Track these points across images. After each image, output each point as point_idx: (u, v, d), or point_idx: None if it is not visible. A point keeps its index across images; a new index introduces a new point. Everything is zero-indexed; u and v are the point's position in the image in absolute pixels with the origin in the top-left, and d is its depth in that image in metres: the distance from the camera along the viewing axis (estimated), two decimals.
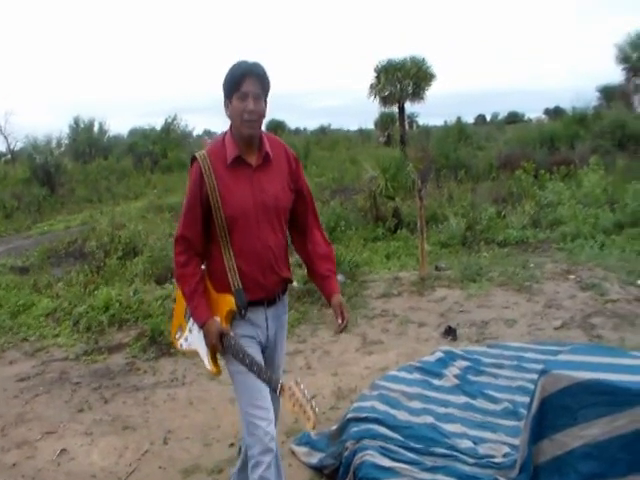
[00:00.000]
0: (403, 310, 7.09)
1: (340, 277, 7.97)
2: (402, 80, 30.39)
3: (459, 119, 32.06)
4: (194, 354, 3.19)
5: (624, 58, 27.68)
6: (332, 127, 53.38)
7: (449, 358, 5.29)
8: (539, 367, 3.72)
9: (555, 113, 45.03)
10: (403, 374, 5.09)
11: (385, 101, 31.18)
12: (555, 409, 3.38)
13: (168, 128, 36.88)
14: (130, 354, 6.40)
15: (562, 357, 3.75)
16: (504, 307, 6.92)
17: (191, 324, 3.11)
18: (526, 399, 3.96)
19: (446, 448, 3.97)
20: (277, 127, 45.14)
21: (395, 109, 32.17)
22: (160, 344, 6.50)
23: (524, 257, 9.10)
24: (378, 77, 30.86)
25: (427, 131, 34.28)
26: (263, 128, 3.04)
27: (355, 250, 9.98)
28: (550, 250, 9.58)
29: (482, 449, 3.96)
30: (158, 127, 36.90)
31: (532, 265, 8.42)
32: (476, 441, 4.07)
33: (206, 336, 2.96)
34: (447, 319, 6.69)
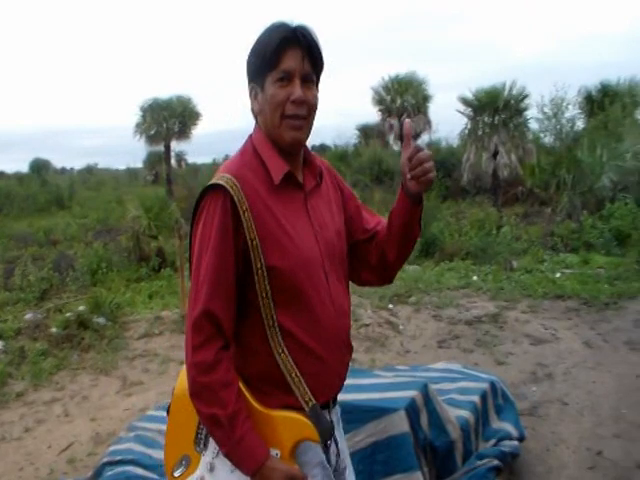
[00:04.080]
0: (165, 349, 7.03)
1: (101, 319, 7.79)
2: (168, 119, 30.34)
3: (226, 157, 32.55)
4: None
5: (379, 100, 29.44)
6: (99, 166, 52.17)
7: None
8: None
9: (321, 150, 46.93)
10: (161, 413, 5.04)
11: (151, 140, 30.90)
12: None
13: None
14: None
15: None
16: None
17: (212, 457, 1.85)
18: None
19: None
20: (42, 167, 43.21)
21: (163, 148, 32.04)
22: None
23: None
24: (144, 116, 30.59)
25: (195, 169, 34.48)
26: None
27: (117, 291, 9.80)
28: None
29: None
30: None
31: None
32: None
33: None
34: None
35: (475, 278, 9.64)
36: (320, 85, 1.90)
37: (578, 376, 5.67)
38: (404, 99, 28.15)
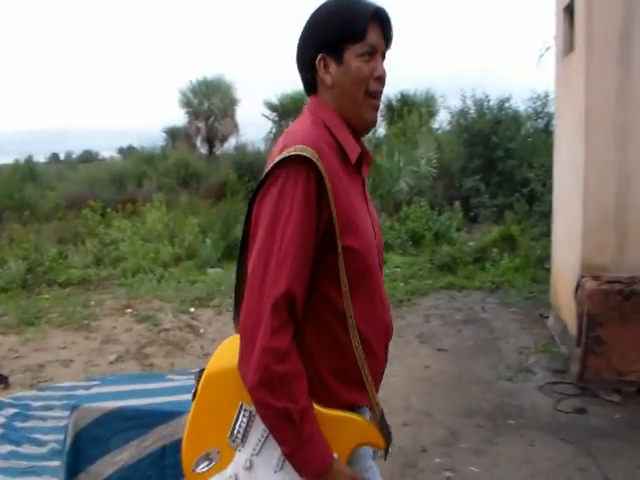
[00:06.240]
0: None
1: None
2: None
3: (30, 158, 30.93)
4: None
5: (187, 103, 29.15)
6: None
7: None
8: None
9: (129, 152, 45.75)
10: None
11: None
12: (89, 441, 3.42)
13: None
14: None
15: (94, 390, 3.83)
16: (61, 348, 6.81)
17: (250, 454, 1.64)
18: None
19: None
20: None
21: None
22: None
23: (86, 296, 9.08)
24: None
25: None
26: None
27: None
28: (112, 287, 9.71)
29: None
30: None
31: (93, 303, 8.45)
32: None
33: None
34: (0, 367, 6.35)
35: None
36: None
37: None
38: (211, 102, 28.12)
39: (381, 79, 1.70)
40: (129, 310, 7.95)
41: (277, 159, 1.57)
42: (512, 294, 8.68)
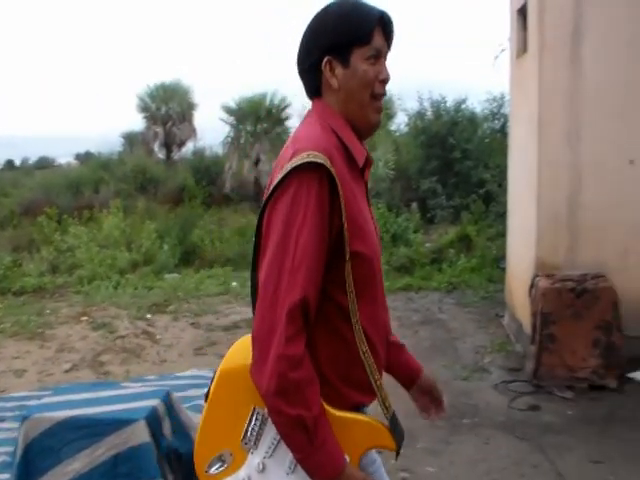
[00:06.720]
0: None
1: None
2: None
3: None
4: None
5: (144, 107, 28.89)
6: None
7: None
8: None
9: (86, 158, 45.21)
10: None
11: None
12: (40, 452, 3.37)
13: None
14: None
15: (45, 400, 3.78)
16: (15, 357, 6.70)
17: (262, 457, 1.63)
18: None
19: None
20: None
21: None
22: None
23: (41, 304, 8.93)
24: None
25: None
26: None
27: None
28: (68, 294, 9.59)
29: None
30: None
31: (48, 311, 8.33)
32: None
33: None
34: None
35: (234, 284, 9.76)
36: None
37: None
38: (169, 107, 27.92)
39: (385, 82, 1.73)
40: (85, 318, 7.85)
41: (289, 166, 1.55)
42: (469, 294, 8.77)
